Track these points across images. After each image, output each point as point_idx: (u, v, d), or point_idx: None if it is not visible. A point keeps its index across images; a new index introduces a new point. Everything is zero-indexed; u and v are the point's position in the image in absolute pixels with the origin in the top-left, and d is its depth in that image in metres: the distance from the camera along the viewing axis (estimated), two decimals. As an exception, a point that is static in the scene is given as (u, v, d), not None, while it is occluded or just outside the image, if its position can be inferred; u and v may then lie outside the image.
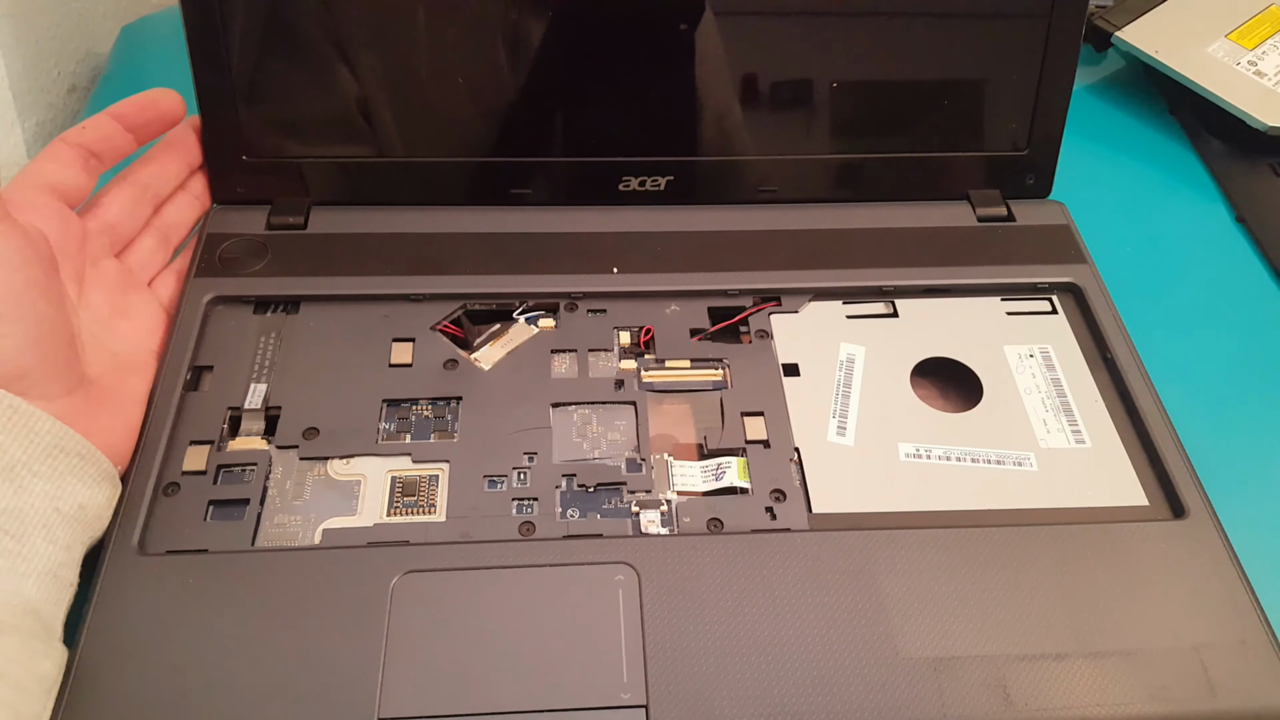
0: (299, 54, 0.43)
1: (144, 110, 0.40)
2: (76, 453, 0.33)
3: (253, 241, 0.43)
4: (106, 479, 0.34)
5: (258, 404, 0.38)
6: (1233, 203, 0.52)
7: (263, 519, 0.35)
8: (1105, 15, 0.58)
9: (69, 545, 0.32)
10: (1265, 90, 0.54)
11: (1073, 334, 0.43)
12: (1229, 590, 0.34)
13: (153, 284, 0.42)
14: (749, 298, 0.43)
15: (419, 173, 0.45)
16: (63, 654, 0.30)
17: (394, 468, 0.37)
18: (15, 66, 0.54)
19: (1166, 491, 0.37)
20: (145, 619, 0.32)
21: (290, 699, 0.30)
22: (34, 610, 0.29)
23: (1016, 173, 0.47)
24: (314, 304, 0.42)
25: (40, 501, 0.31)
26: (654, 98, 0.45)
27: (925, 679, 0.31)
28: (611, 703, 0.31)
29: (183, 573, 0.33)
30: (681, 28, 0.43)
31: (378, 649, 0.31)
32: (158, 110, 0.41)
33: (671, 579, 0.33)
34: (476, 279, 0.42)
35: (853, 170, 0.47)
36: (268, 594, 0.32)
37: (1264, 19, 0.58)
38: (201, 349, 0.40)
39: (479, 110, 0.45)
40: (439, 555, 0.34)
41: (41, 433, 0.32)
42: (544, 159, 0.45)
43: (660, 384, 0.40)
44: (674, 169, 0.46)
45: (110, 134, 0.40)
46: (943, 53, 0.45)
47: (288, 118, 0.44)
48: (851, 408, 0.39)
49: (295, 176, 0.45)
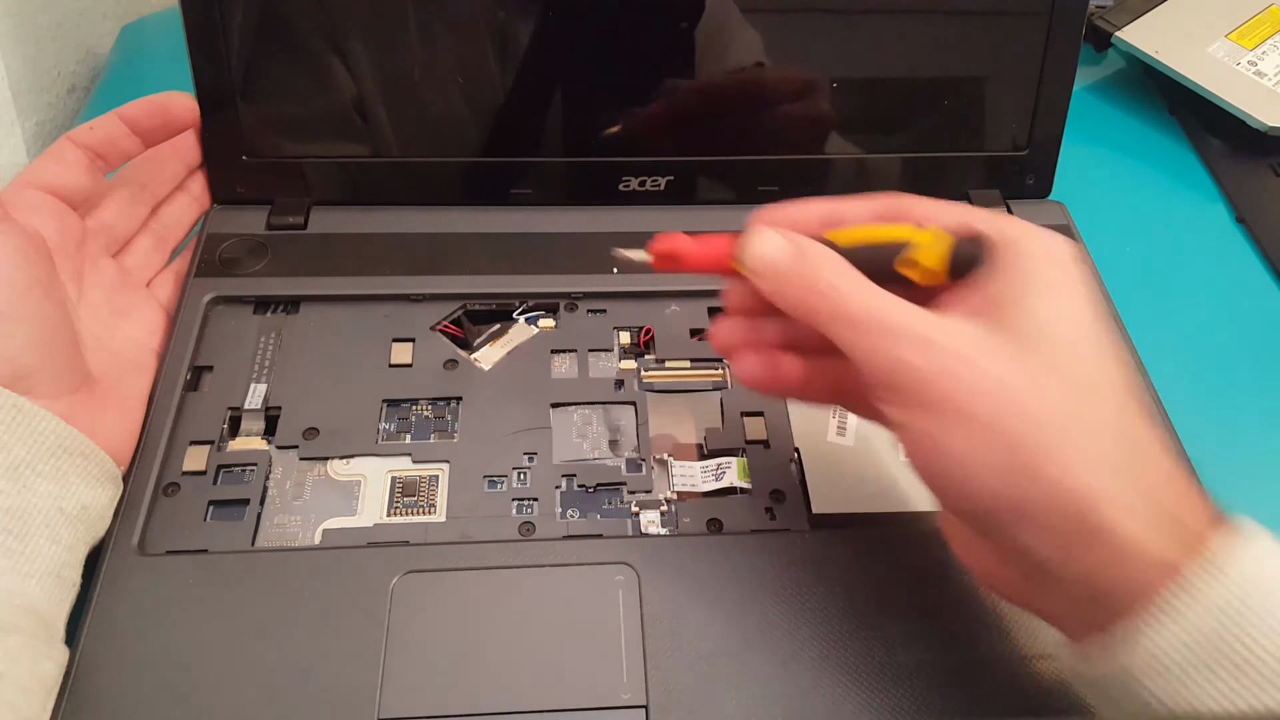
0: (299, 53, 0.43)
1: (153, 115, 0.40)
2: (80, 452, 0.33)
3: (253, 241, 0.43)
4: (109, 479, 0.34)
5: (258, 404, 0.38)
6: (1233, 203, 0.52)
7: (263, 519, 0.35)
8: (1105, 15, 0.58)
9: (72, 545, 0.31)
10: (1265, 90, 0.54)
11: (1073, 334, 0.42)
12: (1229, 590, 0.34)
13: (151, 284, 0.42)
14: (749, 298, 0.43)
15: (419, 172, 0.45)
16: (64, 654, 0.30)
17: (394, 468, 0.37)
18: (15, 66, 0.54)
19: (1166, 492, 0.37)
20: (145, 619, 0.32)
21: (290, 699, 0.30)
22: (36, 611, 0.29)
23: (1017, 173, 0.47)
24: (314, 304, 0.42)
25: (44, 501, 0.31)
26: (654, 97, 0.44)
27: (925, 680, 0.31)
28: (611, 703, 0.31)
29: (183, 573, 0.33)
30: (682, 26, 0.43)
31: (378, 649, 0.31)
32: (168, 115, 0.41)
33: (671, 579, 0.33)
34: (476, 279, 0.42)
35: (853, 170, 0.47)
36: (268, 594, 0.32)
37: (1264, 19, 0.58)
38: (201, 349, 0.40)
39: (479, 110, 0.45)
40: (439, 555, 0.34)
41: (45, 433, 0.32)
42: (544, 159, 0.45)
43: (660, 384, 0.40)
44: (674, 169, 0.46)
45: (117, 136, 0.40)
46: (943, 52, 0.45)
47: (288, 117, 0.44)
48: (851, 408, 0.39)
49: (295, 176, 0.45)
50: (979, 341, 0.26)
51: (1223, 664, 0.24)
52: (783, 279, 0.29)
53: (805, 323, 0.29)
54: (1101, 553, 0.25)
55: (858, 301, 0.27)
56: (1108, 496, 0.25)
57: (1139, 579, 0.25)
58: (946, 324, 0.27)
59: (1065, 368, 0.26)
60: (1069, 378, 0.26)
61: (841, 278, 0.28)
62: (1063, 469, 0.25)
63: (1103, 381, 0.27)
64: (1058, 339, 0.26)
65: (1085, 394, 0.26)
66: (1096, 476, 0.25)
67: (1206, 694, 0.24)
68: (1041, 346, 0.26)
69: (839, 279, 0.28)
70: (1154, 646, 0.25)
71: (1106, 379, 0.27)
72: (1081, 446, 0.25)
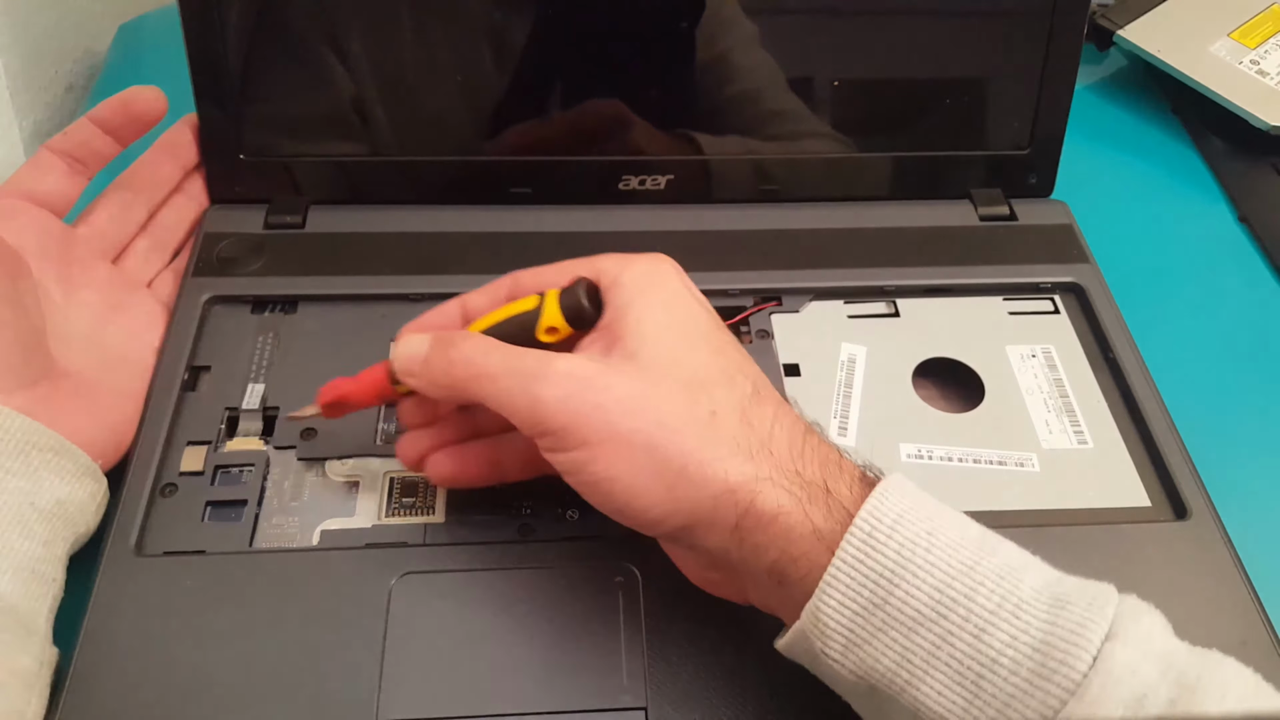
0: (297, 52, 0.43)
1: (118, 112, 0.40)
2: (50, 448, 0.33)
3: (250, 241, 0.43)
4: (86, 474, 0.34)
5: (255, 404, 0.38)
6: (1235, 202, 0.52)
7: (260, 520, 0.35)
8: (1107, 14, 0.57)
9: (48, 541, 0.31)
10: (1267, 89, 0.54)
11: (1075, 334, 0.42)
12: (1230, 591, 0.34)
13: (152, 285, 0.42)
14: (749, 297, 0.42)
15: (418, 172, 0.45)
16: (45, 650, 0.30)
17: (392, 468, 0.37)
18: (13, 65, 0.54)
19: (1169, 492, 0.37)
20: (142, 620, 0.32)
21: (289, 701, 0.30)
22: (11, 607, 0.29)
23: (1019, 172, 0.47)
24: (312, 304, 0.41)
25: (13, 498, 0.31)
26: (654, 96, 0.44)
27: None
28: (611, 704, 0.31)
29: (180, 574, 0.33)
30: (682, 25, 0.43)
31: (377, 650, 0.31)
32: (132, 111, 0.40)
33: (671, 580, 0.33)
34: (476, 279, 0.42)
35: (854, 169, 0.46)
36: (266, 595, 0.32)
37: (1266, 18, 0.58)
38: (199, 349, 0.39)
39: (478, 109, 0.44)
40: (438, 556, 0.34)
41: (11, 430, 0.32)
42: (544, 158, 0.45)
43: (660, 384, 0.40)
44: (674, 168, 0.45)
45: (89, 138, 0.39)
46: (945, 52, 0.45)
47: (286, 116, 0.44)
48: (853, 408, 0.39)
49: (293, 175, 0.45)
50: (602, 367, 0.29)
51: (890, 623, 0.26)
52: (429, 367, 0.31)
53: (462, 400, 0.32)
54: (772, 535, 0.27)
55: (495, 360, 0.30)
56: (755, 478, 0.27)
57: (808, 556, 0.27)
58: (573, 359, 0.29)
59: (676, 371, 0.29)
60: (681, 379, 0.28)
61: (479, 349, 0.30)
62: (705, 464, 0.27)
63: (715, 375, 0.29)
64: (664, 348, 0.29)
65: (698, 391, 0.28)
66: (736, 462, 0.27)
67: (880, 653, 0.26)
68: (653, 358, 0.29)
69: (477, 351, 0.30)
70: (827, 619, 0.26)
71: (719, 371, 0.29)
72: (711, 438, 0.28)
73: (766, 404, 0.29)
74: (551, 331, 0.31)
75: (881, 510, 0.27)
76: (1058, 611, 0.25)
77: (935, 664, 0.25)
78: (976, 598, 0.25)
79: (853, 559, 0.26)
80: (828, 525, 0.27)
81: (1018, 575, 0.26)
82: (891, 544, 0.26)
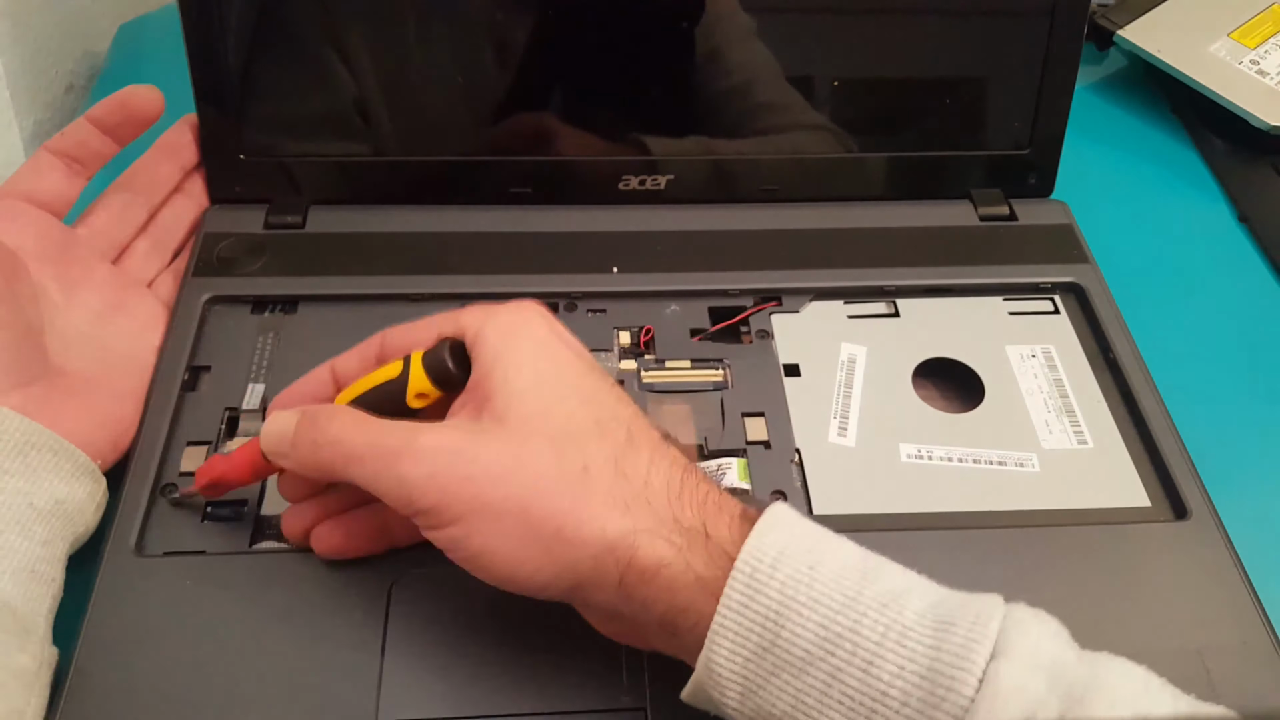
0: (297, 52, 0.43)
1: (114, 112, 0.40)
2: (49, 448, 0.33)
3: (250, 241, 0.43)
4: (85, 473, 0.34)
5: (256, 404, 0.38)
6: (1235, 202, 0.52)
7: (260, 520, 0.35)
8: (1107, 14, 0.57)
9: (47, 541, 0.31)
10: (1267, 89, 0.54)
11: (1075, 334, 0.42)
12: (1231, 591, 0.34)
13: (153, 285, 0.42)
14: (749, 297, 0.43)
15: (418, 172, 0.45)
16: (44, 650, 0.30)
17: (393, 468, 0.37)
18: (13, 66, 0.54)
19: (1169, 492, 0.37)
20: (142, 620, 0.32)
21: (288, 701, 0.30)
22: (9, 606, 0.29)
23: (1018, 172, 0.47)
24: (312, 304, 0.41)
25: (13, 498, 0.31)
26: (655, 96, 0.44)
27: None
28: (611, 704, 0.31)
29: (180, 574, 0.33)
30: (683, 25, 0.43)
31: (376, 650, 0.31)
32: (127, 111, 0.40)
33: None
34: (476, 279, 0.42)
35: (854, 169, 0.46)
36: (266, 596, 0.32)
37: (1266, 18, 0.58)
38: (199, 349, 0.39)
39: (478, 109, 0.44)
40: (437, 556, 0.33)
41: (9, 430, 0.32)
42: (544, 158, 0.45)
43: (660, 384, 0.40)
44: (674, 168, 0.45)
45: (86, 138, 0.39)
46: (945, 51, 0.45)
47: (286, 116, 0.44)
48: (853, 408, 0.39)
49: (293, 176, 0.45)
50: (469, 436, 0.28)
51: (780, 666, 0.25)
52: (297, 447, 0.30)
53: (334, 480, 0.30)
54: (656, 589, 0.26)
55: (361, 439, 0.28)
56: (633, 531, 0.26)
57: (694, 606, 0.26)
58: (439, 430, 0.28)
59: (545, 428, 0.27)
60: (551, 435, 0.27)
61: (345, 426, 0.29)
62: (580, 523, 0.26)
63: (586, 426, 0.28)
64: (532, 403, 0.28)
65: (568, 446, 0.27)
66: (612, 518, 0.26)
67: (776, 697, 0.25)
68: (521, 417, 0.27)
69: (343, 428, 0.29)
70: (719, 669, 0.26)
71: (591, 422, 0.28)
72: (584, 495, 0.27)
73: (641, 449, 0.28)
74: (421, 397, 0.30)
75: (762, 550, 0.26)
76: (942, 635, 0.24)
77: (829, 703, 0.25)
78: (861, 629, 0.25)
79: (738, 604, 0.25)
80: (710, 572, 0.26)
81: (901, 602, 0.25)
82: (774, 584, 0.25)
